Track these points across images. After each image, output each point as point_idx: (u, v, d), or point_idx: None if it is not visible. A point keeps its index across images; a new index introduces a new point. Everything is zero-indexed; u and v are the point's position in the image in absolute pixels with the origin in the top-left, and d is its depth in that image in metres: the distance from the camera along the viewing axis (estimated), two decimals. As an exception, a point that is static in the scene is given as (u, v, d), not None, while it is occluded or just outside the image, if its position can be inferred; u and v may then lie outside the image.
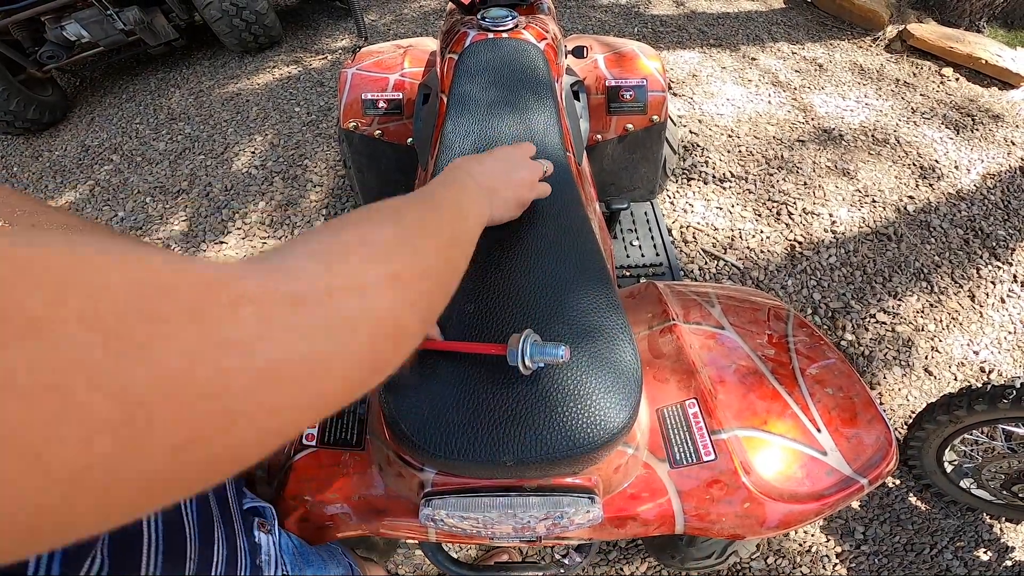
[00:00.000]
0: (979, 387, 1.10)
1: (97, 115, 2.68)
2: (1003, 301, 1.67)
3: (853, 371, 0.64)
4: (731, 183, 2.02)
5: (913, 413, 1.42)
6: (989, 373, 1.52)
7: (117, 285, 0.15)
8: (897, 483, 1.34)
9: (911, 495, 1.33)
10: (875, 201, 1.96)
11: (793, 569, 1.23)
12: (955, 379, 1.51)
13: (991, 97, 2.43)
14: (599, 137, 1.52)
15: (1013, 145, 2.18)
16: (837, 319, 1.62)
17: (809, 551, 1.25)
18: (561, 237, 0.62)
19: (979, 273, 1.74)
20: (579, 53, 1.36)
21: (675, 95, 2.46)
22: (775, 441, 0.58)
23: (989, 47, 2.56)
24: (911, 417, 1.41)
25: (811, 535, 1.27)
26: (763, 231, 1.85)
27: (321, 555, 0.56)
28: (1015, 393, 1.02)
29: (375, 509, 0.56)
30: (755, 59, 2.70)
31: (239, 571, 0.40)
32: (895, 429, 1.41)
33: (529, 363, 0.44)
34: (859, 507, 1.31)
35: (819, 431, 0.59)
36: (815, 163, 2.10)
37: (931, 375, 1.51)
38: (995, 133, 2.24)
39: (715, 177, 2.03)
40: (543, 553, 1.24)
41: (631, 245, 1.61)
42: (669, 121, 1.57)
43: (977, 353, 1.56)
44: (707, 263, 1.76)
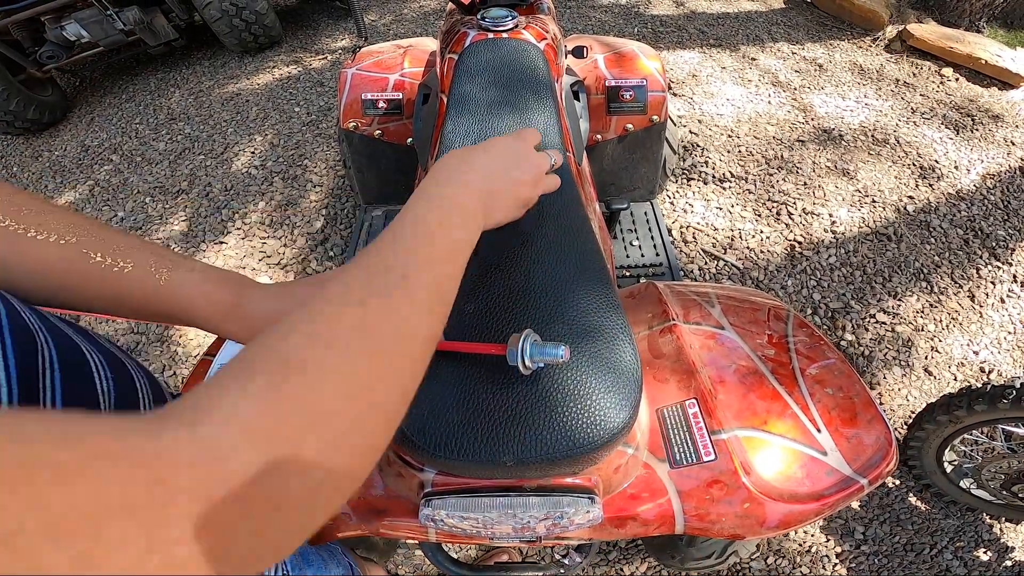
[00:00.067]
0: (979, 387, 1.10)
1: (97, 115, 2.68)
2: (1003, 301, 1.67)
3: (853, 371, 0.64)
4: (731, 183, 2.02)
5: (913, 413, 1.42)
6: (989, 373, 1.52)
7: (61, 502, 0.16)
8: (897, 483, 1.34)
9: (911, 495, 1.33)
10: (875, 201, 1.96)
11: (793, 569, 1.23)
12: (955, 379, 1.51)
13: (991, 97, 2.43)
14: (599, 137, 1.52)
15: (1013, 145, 2.18)
16: (837, 319, 1.62)
17: (809, 551, 1.25)
18: (561, 237, 0.62)
19: (979, 273, 1.74)
20: (579, 53, 1.36)
21: (675, 95, 2.46)
22: (775, 441, 0.58)
23: (989, 47, 2.56)
24: (911, 417, 1.41)
25: (811, 535, 1.27)
26: (763, 231, 1.85)
27: (321, 555, 0.56)
28: (1015, 393, 1.02)
29: (375, 509, 0.56)
30: (755, 59, 2.70)
31: None
32: (895, 429, 1.41)
33: (529, 363, 0.44)
34: (859, 507, 1.31)
35: (819, 431, 0.59)
36: (815, 163, 2.10)
37: (931, 375, 1.51)
38: (995, 133, 2.24)
39: (715, 177, 2.03)
40: (543, 553, 1.24)
41: (631, 245, 1.61)
42: (669, 121, 1.57)
43: (977, 353, 1.56)
44: (707, 263, 1.76)
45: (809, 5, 3.17)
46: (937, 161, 2.12)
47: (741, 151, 2.15)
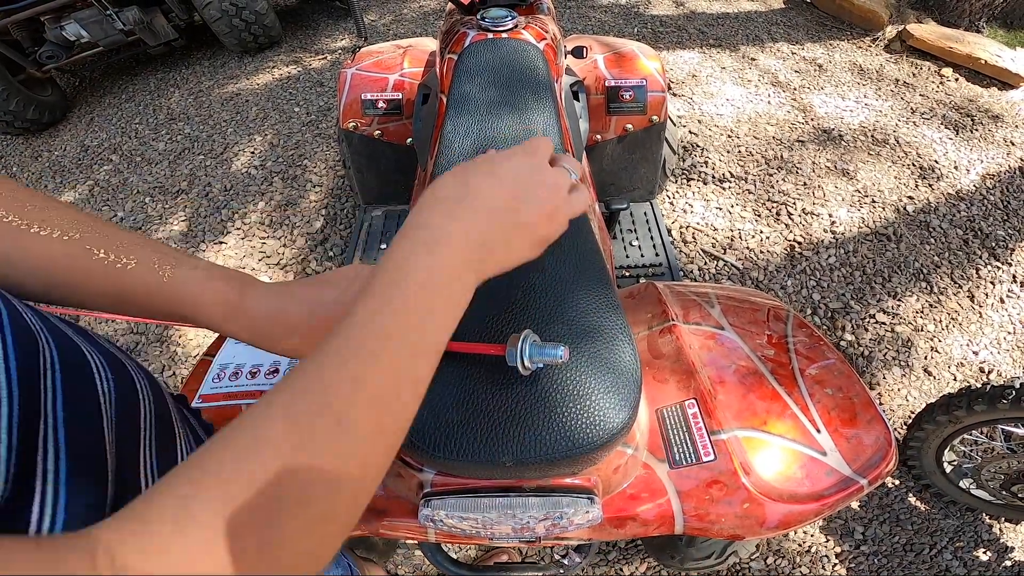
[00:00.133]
0: (978, 387, 1.10)
1: (96, 115, 2.68)
2: (1002, 301, 1.67)
3: (852, 371, 0.64)
4: (731, 183, 2.02)
5: (912, 413, 1.42)
6: (988, 373, 1.52)
7: None
8: (896, 483, 1.34)
9: (910, 495, 1.33)
10: (874, 201, 1.96)
11: (792, 569, 1.23)
12: (954, 379, 1.51)
13: (990, 97, 2.43)
14: (599, 137, 1.52)
15: (1012, 145, 2.18)
16: (836, 319, 1.62)
17: (808, 551, 1.25)
18: (560, 237, 0.62)
19: (978, 273, 1.74)
20: (579, 53, 1.36)
21: (675, 95, 2.46)
22: (774, 441, 0.58)
23: (988, 47, 2.56)
24: (910, 417, 1.41)
25: (810, 535, 1.27)
26: (763, 231, 1.85)
27: None
28: (1014, 393, 1.02)
29: (374, 509, 0.56)
30: (755, 59, 2.70)
31: None
32: (894, 429, 1.41)
33: (528, 363, 0.44)
34: (858, 507, 1.31)
35: (819, 431, 0.59)
36: (815, 163, 2.10)
37: (930, 375, 1.51)
38: (994, 133, 2.24)
39: (715, 177, 2.03)
40: (542, 553, 1.24)
41: (631, 245, 1.61)
42: (669, 121, 1.57)
43: (976, 353, 1.56)
44: (707, 263, 1.76)
45: (809, 5, 3.17)
46: (937, 161, 2.12)
47: (741, 151, 2.15)
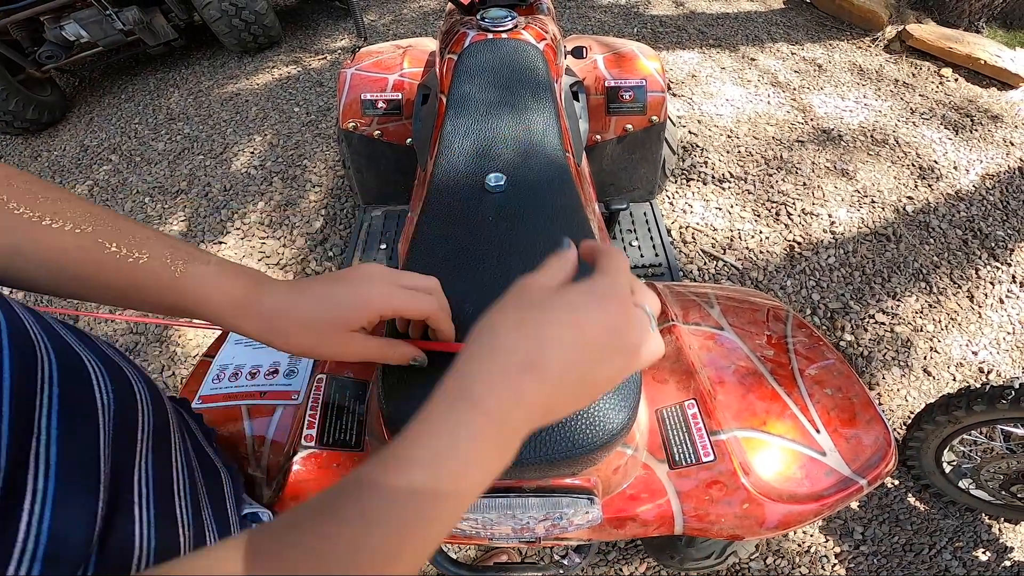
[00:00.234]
0: (978, 387, 1.10)
1: (96, 115, 2.68)
2: (1002, 301, 1.67)
3: (852, 372, 0.64)
4: (730, 183, 2.02)
5: (912, 413, 1.42)
6: (988, 373, 1.52)
7: None
8: (896, 483, 1.34)
9: (910, 495, 1.33)
10: (874, 202, 1.96)
11: (792, 569, 1.23)
12: (954, 379, 1.51)
13: (990, 97, 2.43)
14: (598, 137, 1.52)
15: (1012, 145, 2.18)
16: (836, 319, 1.62)
17: (808, 551, 1.25)
18: (560, 238, 0.62)
19: (978, 273, 1.74)
20: (578, 53, 1.36)
21: (674, 95, 2.46)
22: (774, 442, 0.58)
23: (988, 47, 2.56)
24: (910, 417, 1.41)
25: (810, 535, 1.27)
26: (762, 231, 1.85)
27: None
28: (1014, 394, 1.02)
29: (374, 510, 0.56)
30: (754, 59, 2.70)
31: None
32: (894, 429, 1.41)
33: (528, 364, 0.44)
34: (858, 507, 1.31)
35: (818, 432, 0.59)
36: (814, 163, 2.10)
37: (930, 375, 1.51)
38: (994, 134, 2.24)
39: (714, 177, 2.03)
40: (542, 554, 1.24)
41: (630, 246, 1.61)
42: (668, 121, 1.57)
43: (976, 353, 1.56)
44: (706, 264, 1.76)
45: (808, 5, 3.17)
46: (936, 161, 2.12)
47: (740, 151, 2.15)
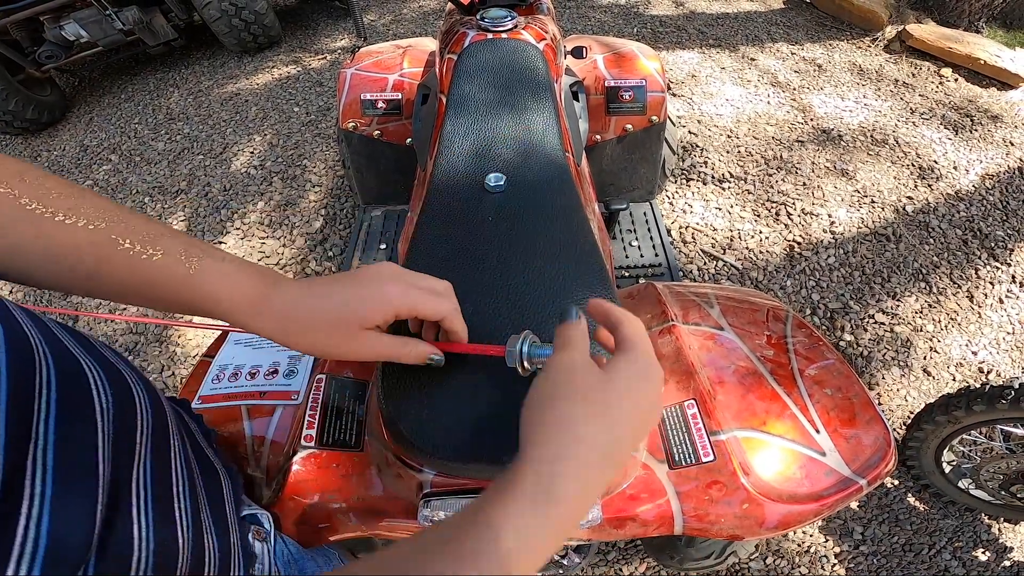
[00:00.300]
0: (977, 388, 1.10)
1: (96, 115, 2.68)
2: (1001, 302, 1.67)
3: (852, 372, 0.64)
4: (730, 183, 2.02)
5: (912, 413, 1.42)
6: (987, 374, 1.52)
7: None
8: (896, 483, 1.34)
9: (909, 495, 1.33)
10: (874, 201, 1.96)
11: (792, 569, 1.23)
12: (953, 379, 1.51)
13: (990, 98, 2.43)
14: (598, 137, 1.52)
15: (1011, 146, 2.18)
16: (836, 320, 1.62)
17: (808, 551, 1.25)
18: (560, 238, 0.62)
19: (977, 273, 1.74)
20: (578, 53, 1.36)
21: (674, 95, 2.46)
22: (774, 442, 0.58)
23: (988, 47, 2.56)
24: (909, 417, 1.41)
25: (810, 535, 1.27)
26: (762, 232, 1.85)
27: (317, 560, 0.55)
28: (1013, 394, 1.02)
29: (374, 510, 0.56)
30: (754, 59, 2.70)
31: None
32: (894, 429, 1.41)
33: (527, 364, 0.44)
34: (858, 507, 1.31)
35: (818, 432, 0.59)
36: (814, 163, 2.10)
37: (930, 375, 1.52)
38: (994, 134, 2.24)
39: (714, 177, 2.03)
40: (542, 553, 1.24)
41: (630, 246, 1.61)
42: (668, 121, 1.57)
43: (975, 353, 1.56)
44: (706, 264, 1.76)
45: (808, 5, 3.17)
46: (936, 161, 2.12)
47: (740, 151, 2.15)
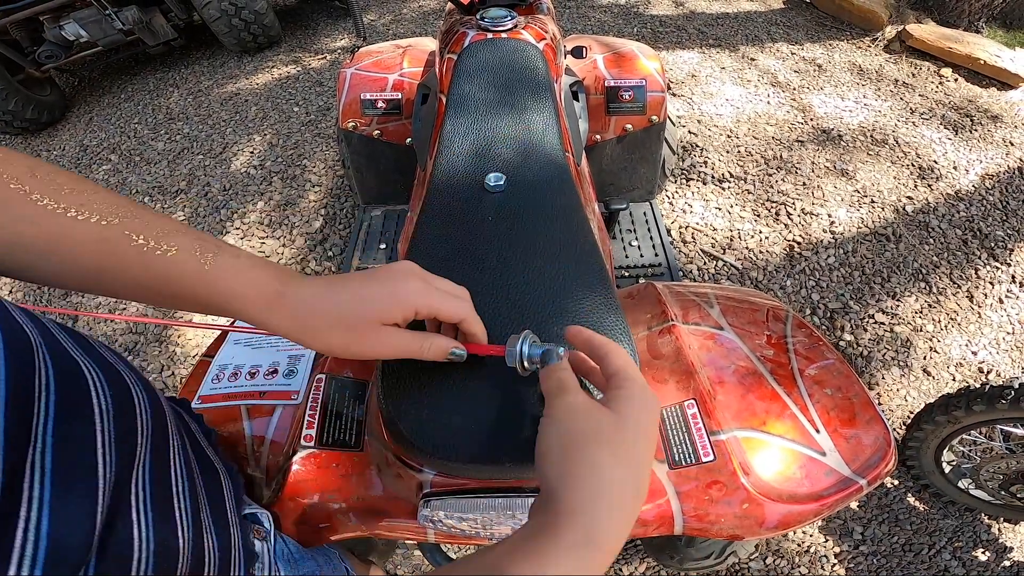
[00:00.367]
0: (977, 388, 1.10)
1: (95, 115, 2.68)
2: (1001, 301, 1.67)
3: (852, 371, 0.64)
4: (730, 183, 2.02)
5: (911, 413, 1.42)
6: (987, 374, 1.52)
7: None
8: (895, 483, 1.34)
9: (909, 495, 1.33)
10: (874, 201, 1.96)
11: (792, 569, 1.23)
12: (953, 379, 1.51)
13: (990, 98, 2.43)
14: (598, 137, 1.52)
15: (1011, 145, 2.18)
16: (836, 319, 1.62)
17: (807, 551, 1.25)
18: (560, 238, 0.62)
19: (977, 273, 1.74)
20: (578, 53, 1.36)
21: (674, 95, 2.46)
22: (774, 442, 0.58)
23: (988, 47, 2.56)
24: (909, 417, 1.41)
25: (809, 535, 1.27)
26: (762, 231, 1.85)
27: (317, 560, 0.55)
28: (1013, 394, 1.02)
29: (374, 510, 0.56)
30: (754, 59, 2.70)
31: None
32: (893, 429, 1.41)
33: (527, 364, 0.44)
34: (857, 507, 1.31)
35: (818, 432, 0.59)
36: (814, 163, 2.10)
37: (929, 375, 1.52)
38: (994, 134, 2.24)
39: (714, 177, 2.03)
40: (542, 553, 1.23)
41: (630, 245, 1.61)
42: (668, 121, 1.57)
43: (975, 353, 1.56)
44: (706, 263, 1.76)
45: (808, 5, 3.17)
46: (936, 161, 2.12)
47: (740, 151, 2.15)
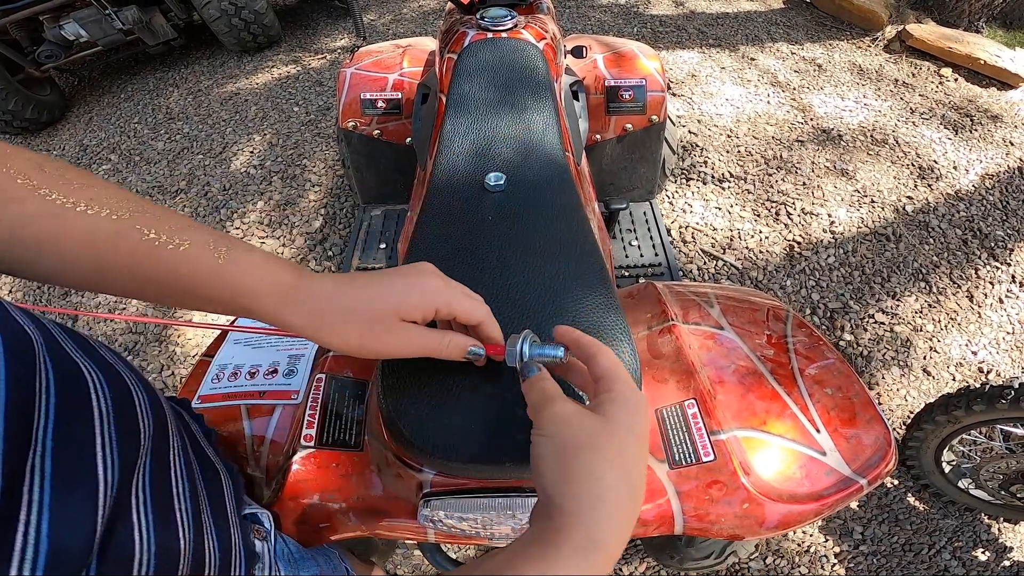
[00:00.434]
0: (977, 387, 1.10)
1: (95, 115, 2.68)
2: (1001, 301, 1.67)
3: (852, 371, 0.64)
4: (730, 183, 2.02)
5: (912, 413, 1.42)
6: (987, 373, 1.52)
7: None
8: (895, 483, 1.34)
9: (909, 495, 1.33)
10: (874, 201, 1.96)
11: (792, 569, 1.23)
12: (953, 379, 1.51)
13: (990, 97, 2.43)
14: (598, 137, 1.52)
15: (1011, 145, 2.18)
16: (836, 319, 1.62)
17: (808, 551, 1.25)
18: (560, 237, 0.62)
19: (977, 273, 1.74)
20: (578, 53, 1.36)
21: (674, 95, 2.46)
22: (774, 441, 0.58)
23: (988, 47, 2.56)
24: (909, 417, 1.41)
25: (810, 535, 1.27)
26: (762, 231, 1.85)
27: (317, 559, 0.55)
28: (1013, 393, 1.02)
29: (374, 510, 0.56)
30: (754, 59, 2.70)
31: None
32: (894, 429, 1.41)
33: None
34: (857, 507, 1.31)
35: (818, 431, 0.59)
36: (814, 163, 2.10)
37: (929, 375, 1.51)
38: (993, 133, 2.24)
39: (714, 177, 2.03)
40: (542, 553, 1.23)
41: (630, 245, 1.61)
42: (668, 121, 1.57)
43: (975, 353, 1.56)
44: (706, 263, 1.76)
45: (808, 5, 3.17)
46: (936, 161, 2.12)
47: (740, 151, 2.15)
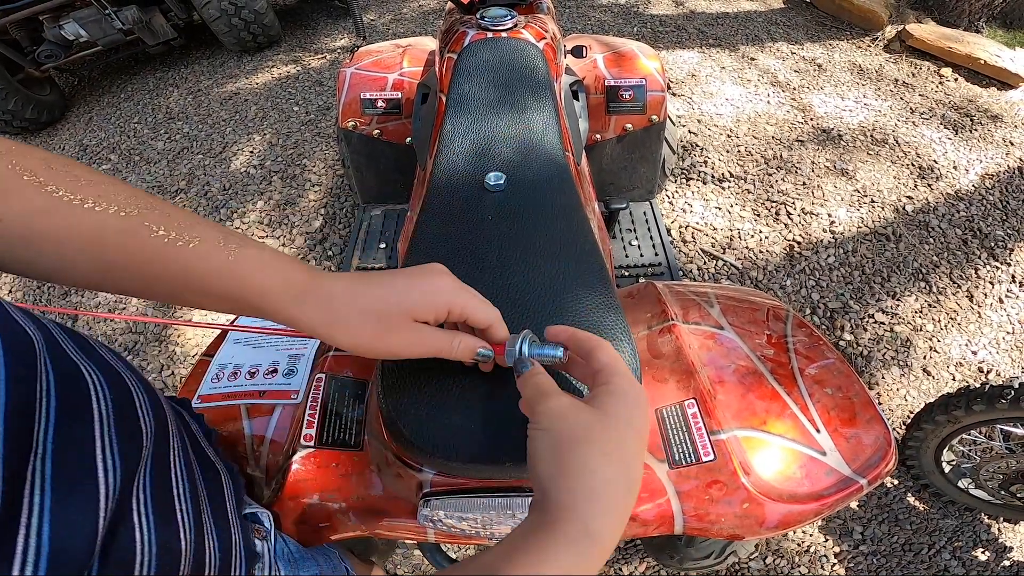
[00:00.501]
0: (977, 387, 1.10)
1: (95, 114, 2.68)
2: (1001, 301, 1.67)
3: (852, 371, 0.64)
4: (730, 183, 2.02)
5: (911, 413, 1.42)
6: (987, 373, 1.52)
7: None
8: (895, 483, 1.34)
9: (909, 495, 1.33)
10: (874, 201, 1.96)
11: (791, 569, 1.23)
12: (953, 379, 1.51)
13: (990, 97, 2.43)
14: (598, 137, 1.52)
15: (1011, 145, 2.18)
16: (836, 319, 1.62)
17: (807, 551, 1.25)
18: (560, 237, 0.62)
19: (977, 273, 1.74)
20: (578, 53, 1.36)
21: (674, 95, 2.46)
22: (774, 441, 0.58)
23: (988, 47, 2.56)
24: (909, 417, 1.41)
25: (809, 535, 1.27)
26: (762, 231, 1.85)
27: (317, 559, 0.55)
28: (1013, 393, 1.02)
29: (374, 510, 0.56)
30: (754, 59, 2.70)
31: None
32: (894, 429, 1.41)
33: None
34: (857, 507, 1.31)
35: (818, 431, 0.59)
36: (814, 163, 2.10)
37: (929, 375, 1.51)
38: (993, 133, 2.24)
39: (714, 177, 2.03)
40: (542, 553, 1.23)
41: (630, 245, 1.61)
42: (668, 121, 1.57)
43: (975, 353, 1.56)
44: (706, 263, 1.76)
45: (808, 5, 3.17)
46: (936, 161, 2.12)
47: (740, 151, 2.15)
